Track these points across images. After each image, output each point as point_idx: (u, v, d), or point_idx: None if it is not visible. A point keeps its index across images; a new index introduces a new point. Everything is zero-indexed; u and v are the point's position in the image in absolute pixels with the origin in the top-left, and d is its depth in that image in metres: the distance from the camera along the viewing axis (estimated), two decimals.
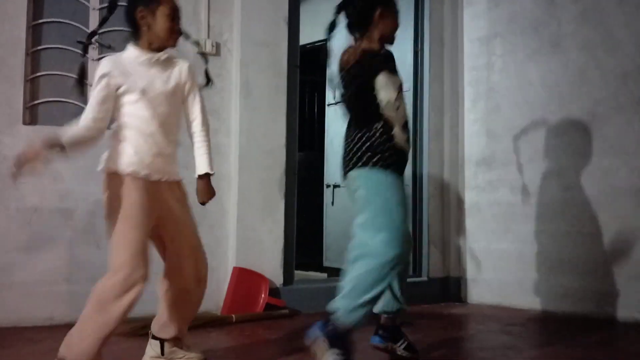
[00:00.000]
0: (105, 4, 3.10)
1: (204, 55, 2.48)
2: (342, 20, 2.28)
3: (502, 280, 3.77)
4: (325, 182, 4.77)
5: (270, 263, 3.33)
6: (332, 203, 4.69)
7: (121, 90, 1.97)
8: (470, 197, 4.01)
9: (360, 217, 2.12)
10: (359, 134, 2.17)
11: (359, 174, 2.17)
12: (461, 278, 3.99)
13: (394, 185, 2.13)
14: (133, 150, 1.97)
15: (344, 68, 2.18)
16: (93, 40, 3.08)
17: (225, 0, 3.37)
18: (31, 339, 2.57)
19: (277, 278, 3.34)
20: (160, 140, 2.01)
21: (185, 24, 3.22)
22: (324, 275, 4.69)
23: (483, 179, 3.92)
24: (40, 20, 3.06)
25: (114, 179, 1.95)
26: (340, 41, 2.28)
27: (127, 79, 1.97)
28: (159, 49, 2.05)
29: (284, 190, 3.42)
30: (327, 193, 4.75)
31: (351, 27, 2.29)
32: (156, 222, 2.02)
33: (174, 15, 2.05)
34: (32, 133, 2.87)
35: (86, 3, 3.16)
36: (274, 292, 3.24)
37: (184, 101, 2.12)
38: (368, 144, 2.14)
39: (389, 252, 2.00)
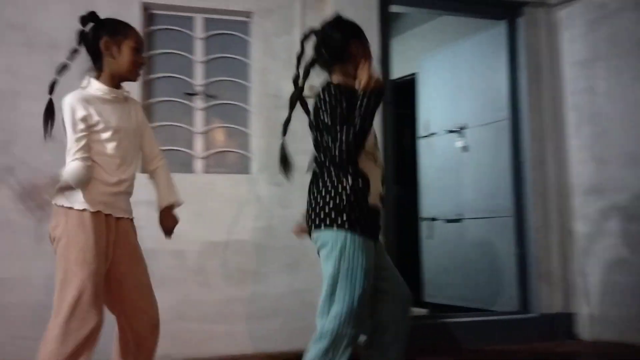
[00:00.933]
0: (211, 57, 3.36)
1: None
2: (310, 54, 2.05)
3: (618, 315, 3.51)
4: (421, 215, 4.71)
5: None
6: (429, 237, 4.62)
7: (95, 127, 1.94)
8: (579, 228, 3.79)
9: (323, 287, 1.88)
10: (327, 187, 1.88)
11: (322, 236, 1.88)
12: (573, 314, 3.76)
13: (361, 251, 1.83)
14: (101, 188, 1.94)
15: (319, 108, 1.90)
16: (198, 90, 3.31)
17: None
18: None
19: None
20: (124, 177, 2.00)
21: (282, 68, 3.41)
22: (425, 310, 4.58)
23: (594, 208, 3.70)
24: (152, 76, 3.30)
25: (70, 214, 1.90)
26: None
27: (100, 115, 1.95)
28: (120, 82, 2.04)
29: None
30: (424, 226, 4.69)
31: (321, 62, 2.04)
32: (112, 260, 1.97)
33: (140, 48, 2.03)
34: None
35: (191, 57, 3.38)
36: None
37: (142, 138, 2.12)
38: (337, 200, 1.84)
39: (339, 330, 1.79)
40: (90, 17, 2.01)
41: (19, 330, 2.77)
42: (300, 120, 2.12)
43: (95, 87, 1.98)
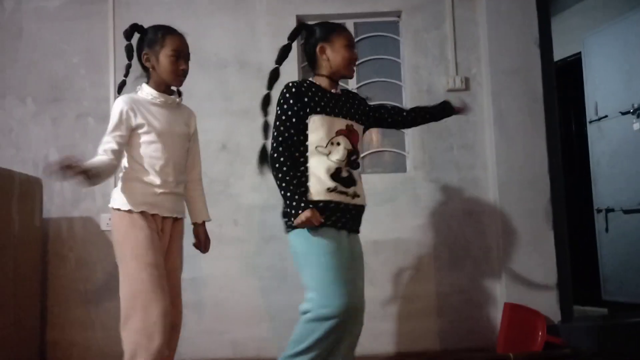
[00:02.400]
0: (363, 60, 3.43)
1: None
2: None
3: None
4: (596, 206, 4.34)
5: (543, 298, 3.13)
6: (606, 230, 4.23)
7: (139, 129, 2.02)
8: None
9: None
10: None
11: (289, 238, 2.08)
12: None
13: (313, 244, 1.98)
14: (145, 189, 2.01)
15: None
16: None
17: (471, 36, 3.39)
18: None
19: (554, 314, 3.12)
20: (170, 179, 2.05)
21: (433, 64, 3.38)
22: (604, 310, 4.21)
23: None
24: None
25: (121, 216, 2.00)
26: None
27: (145, 119, 2.02)
28: (167, 89, 2.11)
29: (551, 219, 3.21)
30: (599, 219, 4.31)
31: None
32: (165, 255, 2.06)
33: (179, 55, 2.06)
34: None
35: None
36: (551, 329, 3.03)
37: (189, 148, 2.17)
38: (285, 204, 2.03)
39: (319, 310, 1.92)
40: (131, 29, 2.12)
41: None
42: (456, 118, 2.10)
43: (146, 91, 2.09)
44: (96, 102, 3.32)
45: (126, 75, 2.13)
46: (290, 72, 3.18)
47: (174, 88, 2.19)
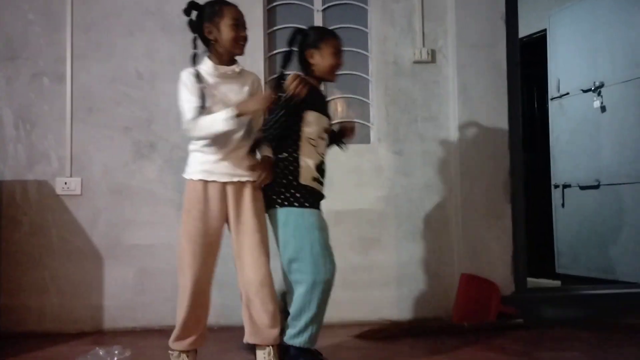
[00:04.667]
0: (330, 28, 3.39)
1: None
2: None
3: None
4: (553, 182, 4.44)
5: (499, 270, 3.21)
6: (563, 205, 4.35)
7: (206, 103, 2.07)
8: None
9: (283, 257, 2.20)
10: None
11: (278, 214, 2.20)
12: None
13: (303, 221, 2.17)
14: (207, 158, 2.10)
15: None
16: None
17: (438, 8, 3.38)
18: None
19: (508, 285, 3.21)
20: (233, 146, 2.12)
21: (400, 35, 3.36)
22: (557, 282, 4.36)
23: None
24: (274, 52, 3.41)
25: (190, 185, 2.11)
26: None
27: (211, 92, 2.09)
28: (230, 59, 2.17)
29: (509, 193, 3.28)
30: (556, 194, 4.42)
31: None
32: (234, 219, 2.13)
33: (238, 24, 2.13)
34: None
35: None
36: (505, 300, 3.12)
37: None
38: (275, 183, 2.19)
39: (315, 276, 2.14)
40: (190, 6, 2.16)
41: (166, 293, 3.07)
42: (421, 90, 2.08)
43: (208, 64, 2.14)
44: (52, 61, 3.20)
45: (194, 47, 2.14)
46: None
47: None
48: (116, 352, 2.34)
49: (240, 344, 2.22)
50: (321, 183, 2.29)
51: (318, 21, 3.41)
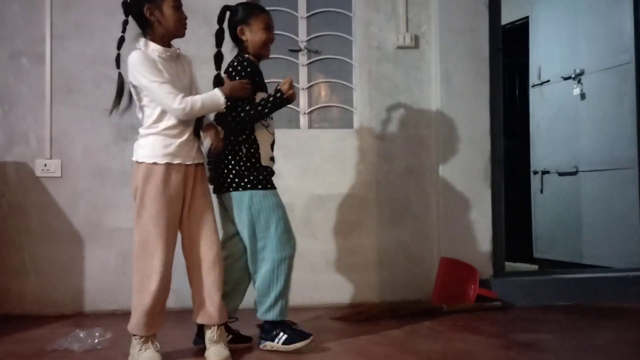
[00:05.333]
0: (313, 12, 3.38)
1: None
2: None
3: None
4: (533, 168, 4.51)
5: (478, 254, 3.27)
6: (541, 191, 4.42)
7: None
8: None
9: (246, 239, 2.25)
10: (230, 153, 2.23)
11: (241, 197, 2.22)
12: None
13: (267, 202, 2.22)
14: (170, 141, 2.07)
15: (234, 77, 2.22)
16: (302, 46, 3.36)
17: None
18: None
19: (487, 269, 3.26)
20: (190, 130, 2.13)
21: (384, 20, 3.36)
22: (535, 267, 4.44)
23: None
24: None
25: (150, 168, 2.06)
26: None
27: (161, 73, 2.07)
28: (170, 40, 2.15)
29: (489, 179, 3.32)
30: (535, 180, 4.49)
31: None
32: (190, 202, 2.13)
33: (179, 5, 2.11)
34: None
35: (295, 13, 3.41)
36: (483, 283, 3.18)
37: (194, 91, 2.20)
38: (238, 166, 2.22)
39: (281, 253, 2.22)
40: None
41: None
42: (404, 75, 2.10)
43: (152, 48, 2.10)
44: (31, 40, 3.14)
45: (124, 31, 2.12)
46: None
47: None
48: (97, 334, 2.35)
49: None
50: (274, 160, 2.35)
51: (302, 5, 3.40)
